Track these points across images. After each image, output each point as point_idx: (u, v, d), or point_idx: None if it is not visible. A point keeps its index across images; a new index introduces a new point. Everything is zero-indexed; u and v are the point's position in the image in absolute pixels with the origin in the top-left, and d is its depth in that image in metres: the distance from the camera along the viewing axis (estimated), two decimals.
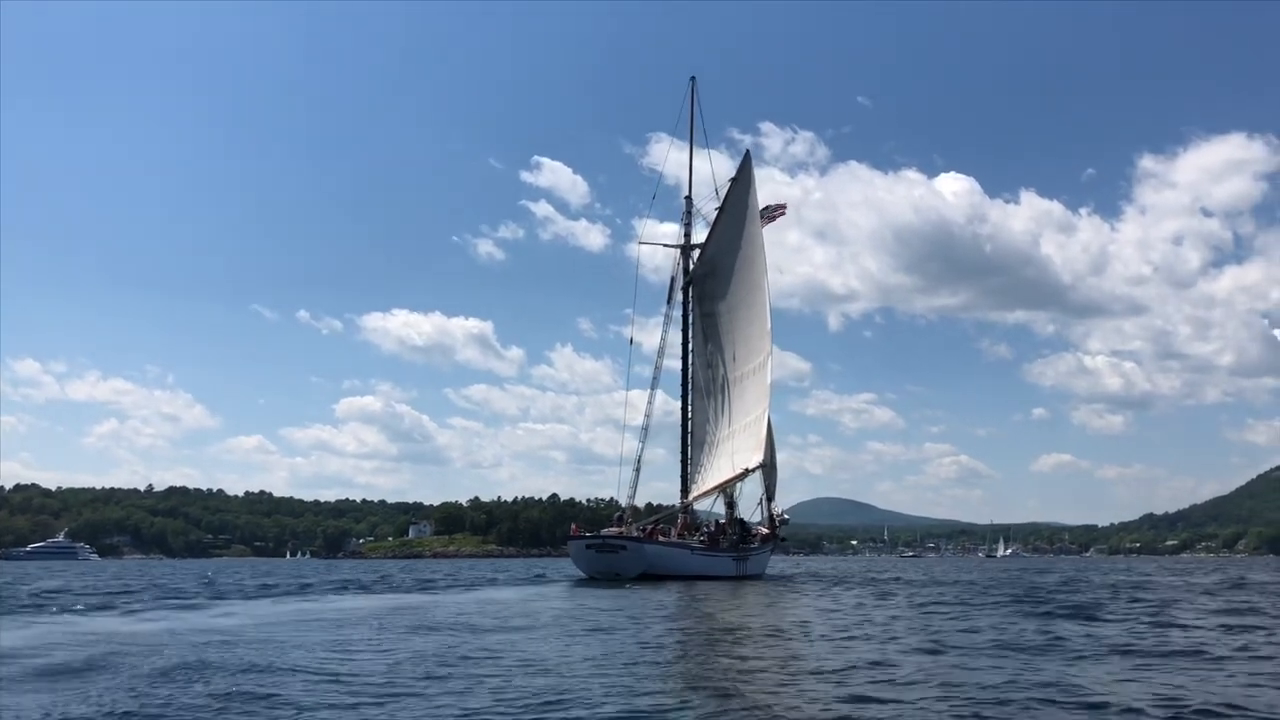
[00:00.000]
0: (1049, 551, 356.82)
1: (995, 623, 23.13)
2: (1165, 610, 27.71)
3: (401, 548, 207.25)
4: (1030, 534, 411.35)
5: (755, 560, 62.04)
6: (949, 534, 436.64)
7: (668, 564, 53.56)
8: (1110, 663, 15.46)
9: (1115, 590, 41.24)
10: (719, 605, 30.67)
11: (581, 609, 28.36)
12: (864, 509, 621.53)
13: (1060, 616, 25.05)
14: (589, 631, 20.82)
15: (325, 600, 33.93)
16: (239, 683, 12.69)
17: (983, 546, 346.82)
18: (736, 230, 60.05)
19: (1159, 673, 14.22)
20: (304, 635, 19.67)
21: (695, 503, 62.81)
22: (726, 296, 60.60)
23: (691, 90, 63.57)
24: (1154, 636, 19.85)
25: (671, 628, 22.35)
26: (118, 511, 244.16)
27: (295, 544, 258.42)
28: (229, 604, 30.95)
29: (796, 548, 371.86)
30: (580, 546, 54.57)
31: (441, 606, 29.58)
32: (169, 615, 25.49)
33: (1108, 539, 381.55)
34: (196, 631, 20.12)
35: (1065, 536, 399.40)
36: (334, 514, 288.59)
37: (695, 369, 62.60)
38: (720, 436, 60.36)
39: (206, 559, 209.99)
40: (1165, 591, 39.78)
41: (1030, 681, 13.21)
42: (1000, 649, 17.32)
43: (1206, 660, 15.89)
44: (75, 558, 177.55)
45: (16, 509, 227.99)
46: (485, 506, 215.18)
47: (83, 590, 42.44)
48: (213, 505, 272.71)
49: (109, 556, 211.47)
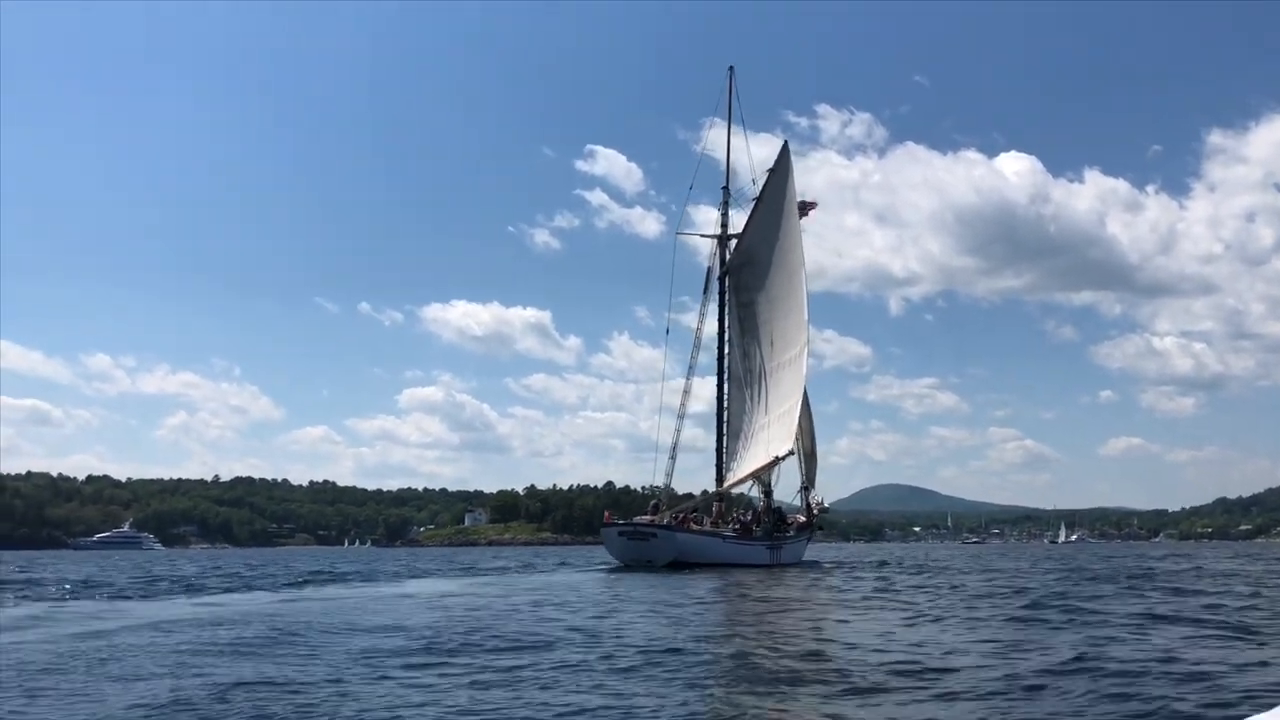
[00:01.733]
0: (1116, 537, 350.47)
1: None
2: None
3: (457, 535, 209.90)
4: (1098, 519, 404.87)
5: (790, 549, 61.90)
6: (1014, 520, 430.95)
7: (699, 552, 53.72)
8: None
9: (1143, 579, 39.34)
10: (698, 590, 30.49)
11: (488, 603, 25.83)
12: (927, 495, 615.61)
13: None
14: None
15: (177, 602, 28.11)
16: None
17: (1048, 533, 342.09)
18: (774, 221, 59.78)
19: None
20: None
21: (732, 490, 62.89)
22: (764, 287, 60.40)
23: (730, 81, 63.58)
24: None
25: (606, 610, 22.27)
26: (185, 502, 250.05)
27: (357, 532, 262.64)
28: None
29: (858, 534, 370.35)
30: (613, 534, 54.97)
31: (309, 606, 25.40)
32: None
33: (1178, 524, 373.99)
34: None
35: (1134, 521, 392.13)
36: (396, 503, 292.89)
37: (733, 358, 62.57)
38: (757, 426, 60.25)
39: (270, 548, 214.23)
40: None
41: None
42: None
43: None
44: (139, 547, 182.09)
45: (88, 500, 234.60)
46: (540, 494, 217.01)
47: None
48: (277, 495, 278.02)
49: (175, 546, 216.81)
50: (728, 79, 62.86)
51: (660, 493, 63.26)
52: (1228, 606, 22.71)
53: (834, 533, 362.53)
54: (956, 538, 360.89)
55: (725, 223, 63.11)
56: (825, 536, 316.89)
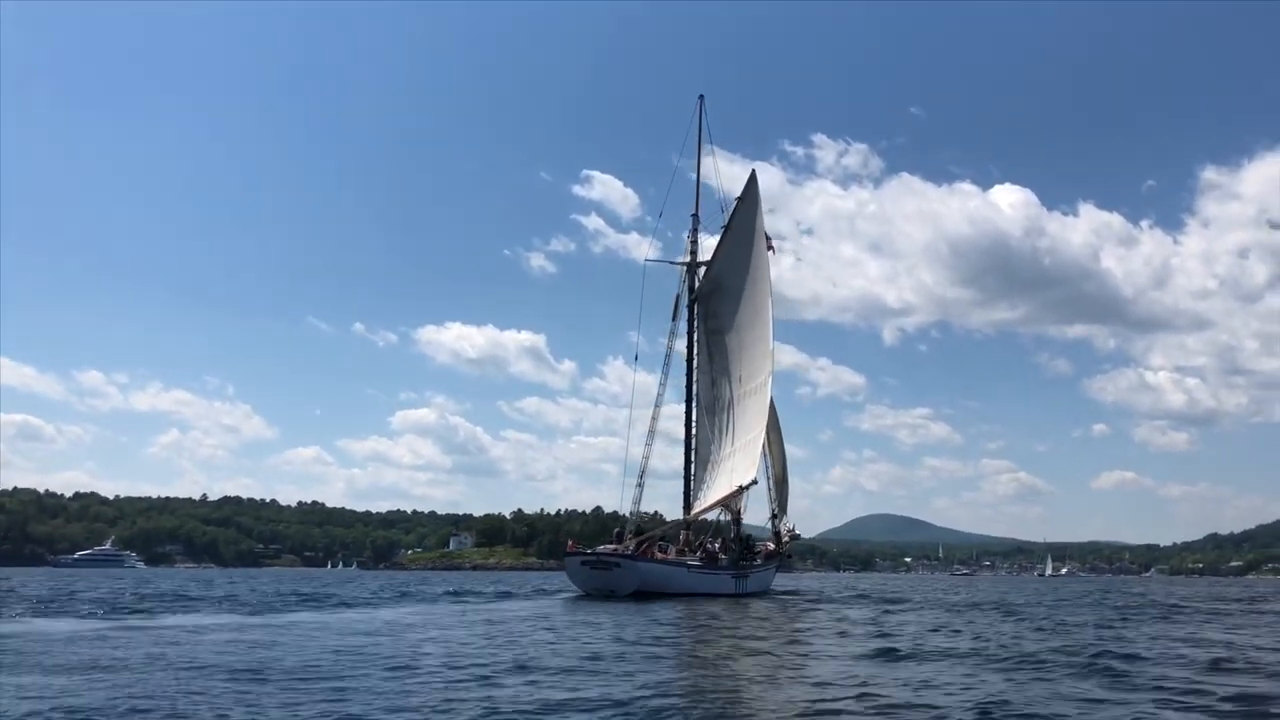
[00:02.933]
0: (1108, 571, 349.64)
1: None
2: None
3: (442, 559, 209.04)
4: (1090, 553, 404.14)
5: (757, 578, 61.60)
6: (1006, 552, 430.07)
7: (663, 581, 53.38)
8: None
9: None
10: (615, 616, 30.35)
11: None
12: (920, 525, 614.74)
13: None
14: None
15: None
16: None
17: (1040, 565, 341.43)
18: (742, 250, 59.92)
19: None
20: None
21: (701, 518, 62.64)
22: (732, 315, 60.49)
23: (700, 109, 63.81)
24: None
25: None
26: (172, 521, 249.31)
27: (345, 554, 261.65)
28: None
29: (849, 564, 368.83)
30: (575, 563, 54.64)
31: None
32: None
33: (1169, 559, 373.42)
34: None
35: (1126, 556, 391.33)
36: (384, 525, 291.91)
37: (701, 386, 62.50)
38: (723, 454, 60.15)
39: (257, 568, 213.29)
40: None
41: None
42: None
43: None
44: (121, 565, 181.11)
45: (73, 517, 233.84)
46: (527, 519, 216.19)
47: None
48: (265, 515, 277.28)
49: (160, 565, 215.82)
50: (697, 107, 63.10)
51: (627, 520, 63.02)
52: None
53: (824, 562, 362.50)
54: (948, 569, 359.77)
55: (695, 250, 63.20)
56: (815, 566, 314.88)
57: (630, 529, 61.42)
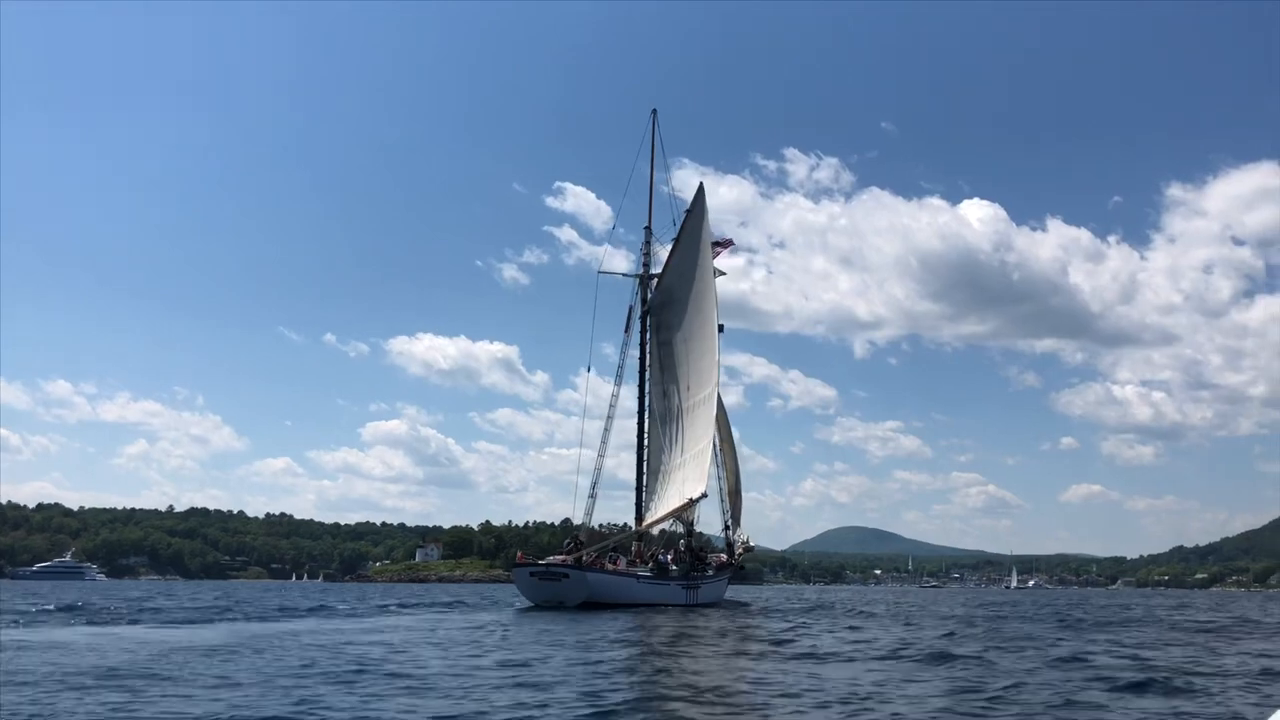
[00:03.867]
0: (1074, 583, 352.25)
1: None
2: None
3: (407, 571, 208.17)
4: (1058, 565, 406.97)
5: (708, 589, 61.92)
6: (975, 564, 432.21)
7: (613, 592, 53.66)
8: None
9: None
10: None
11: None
12: (890, 538, 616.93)
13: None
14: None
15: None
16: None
17: (1008, 577, 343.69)
18: (691, 261, 60.60)
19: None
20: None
21: (654, 529, 62.99)
22: (681, 326, 61.07)
23: (653, 123, 64.40)
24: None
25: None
26: (137, 532, 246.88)
27: (313, 566, 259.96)
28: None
29: (819, 576, 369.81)
30: (524, 574, 54.88)
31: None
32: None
33: (1136, 571, 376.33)
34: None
35: (1093, 568, 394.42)
36: (353, 537, 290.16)
37: (653, 396, 62.99)
38: (674, 464, 60.59)
39: (223, 580, 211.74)
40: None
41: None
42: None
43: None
44: (81, 578, 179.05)
45: (36, 528, 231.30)
46: (495, 530, 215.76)
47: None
48: (232, 527, 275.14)
49: (125, 577, 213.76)
50: (651, 122, 63.65)
51: (577, 530, 63.24)
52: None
53: (795, 574, 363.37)
54: (917, 581, 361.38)
55: (647, 262, 63.77)
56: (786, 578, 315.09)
57: (583, 539, 61.67)
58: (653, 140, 63.85)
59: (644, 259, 64.08)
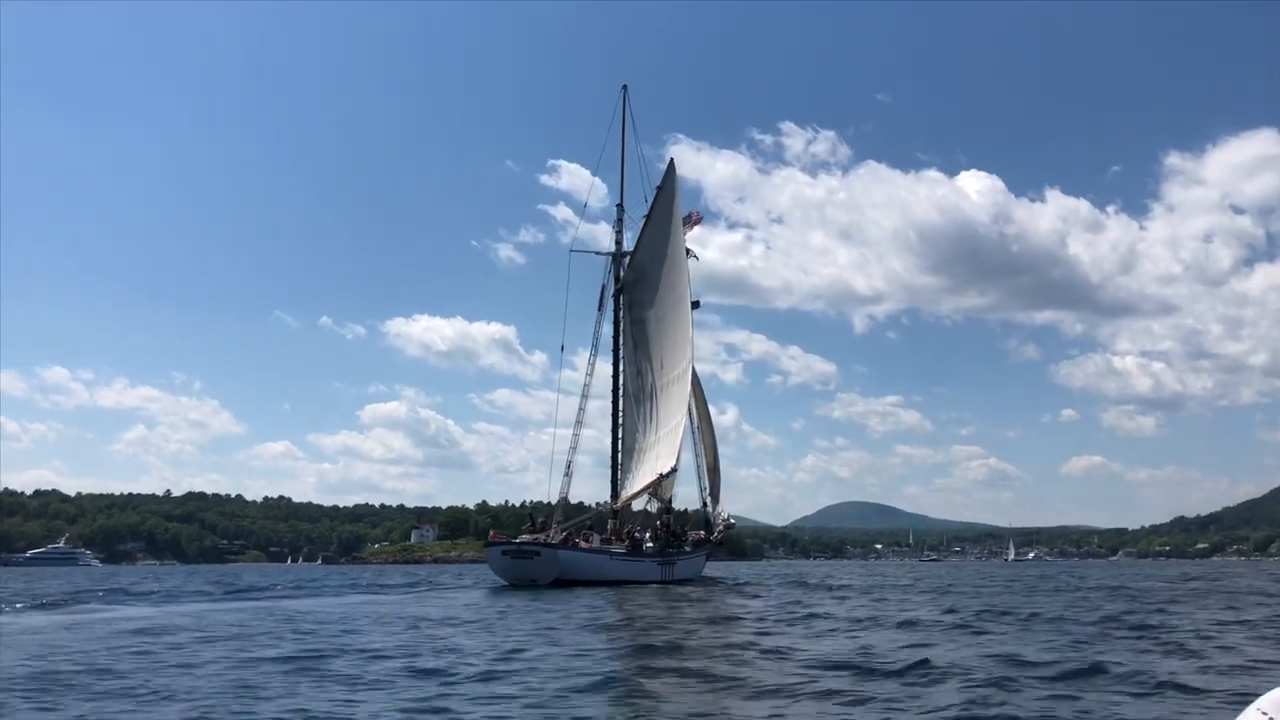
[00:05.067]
0: (1075, 555, 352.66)
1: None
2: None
3: (403, 552, 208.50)
4: (1059, 537, 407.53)
5: (684, 565, 61.75)
6: (976, 537, 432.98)
7: (584, 569, 53.60)
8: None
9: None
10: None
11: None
12: (891, 513, 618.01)
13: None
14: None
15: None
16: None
17: (1007, 550, 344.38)
18: (663, 238, 60.21)
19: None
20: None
21: (625, 506, 62.79)
22: (654, 304, 60.76)
23: (624, 99, 63.76)
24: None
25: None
26: (133, 517, 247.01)
27: (311, 549, 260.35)
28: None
29: (819, 552, 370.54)
30: (496, 553, 54.78)
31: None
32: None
33: (1137, 542, 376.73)
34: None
35: (1094, 540, 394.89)
36: (351, 519, 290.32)
37: (627, 375, 62.73)
38: (647, 443, 60.48)
39: (222, 565, 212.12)
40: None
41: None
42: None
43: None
44: (75, 564, 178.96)
45: (32, 514, 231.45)
46: (491, 510, 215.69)
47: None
48: (230, 511, 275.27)
49: (122, 562, 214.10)
50: (621, 98, 63.03)
51: (545, 509, 63.12)
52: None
53: (796, 550, 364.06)
54: (917, 555, 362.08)
55: (620, 240, 63.46)
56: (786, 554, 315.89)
57: (559, 517, 61.60)
58: (624, 116, 63.32)
59: (616, 236, 63.80)
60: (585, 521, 62.92)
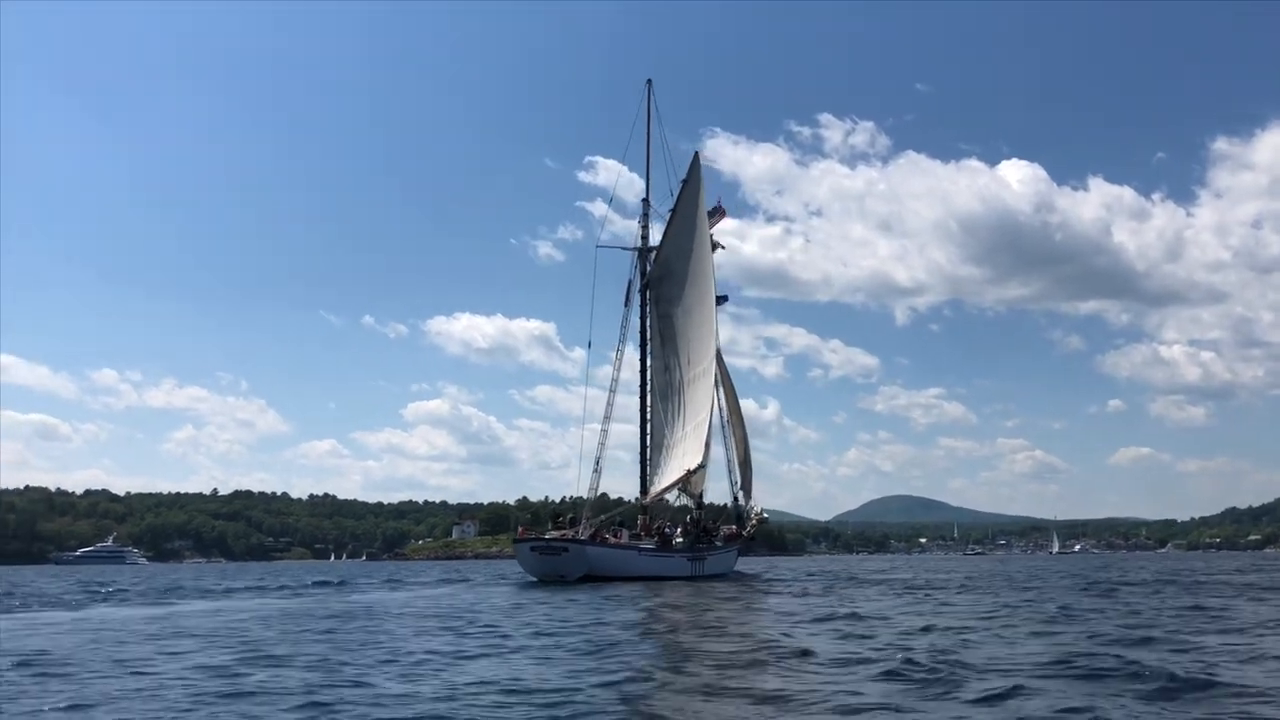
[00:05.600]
0: (1123, 547, 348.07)
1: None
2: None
3: (444, 549, 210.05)
4: (1106, 529, 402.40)
5: (715, 560, 61.54)
6: (1022, 530, 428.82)
7: (613, 565, 53.53)
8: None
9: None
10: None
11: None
12: (936, 506, 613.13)
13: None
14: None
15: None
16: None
17: (1053, 543, 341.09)
18: (688, 232, 60.01)
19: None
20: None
21: (655, 501, 62.67)
22: (681, 299, 60.57)
23: (648, 93, 63.66)
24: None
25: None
26: (181, 516, 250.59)
27: (355, 546, 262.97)
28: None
29: (862, 546, 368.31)
30: (525, 549, 54.85)
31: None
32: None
33: (1187, 534, 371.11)
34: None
35: (1142, 532, 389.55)
36: (395, 515, 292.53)
37: (654, 370, 62.63)
38: (675, 438, 60.31)
39: (268, 562, 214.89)
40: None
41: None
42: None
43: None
44: (123, 561, 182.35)
45: (83, 514, 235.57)
46: (531, 506, 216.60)
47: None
48: (275, 508, 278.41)
49: (169, 560, 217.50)
50: (646, 92, 62.91)
51: (575, 505, 63.15)
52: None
53: (838, 544, 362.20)
54: (963, 549, 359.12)
55: (645, 235, 63.24)
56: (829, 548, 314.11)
57: (589, 513, 61.57)
58: (648, 111, 63.14)
59: (642, 231, 63.59)
60: (615, 517, 62.83)
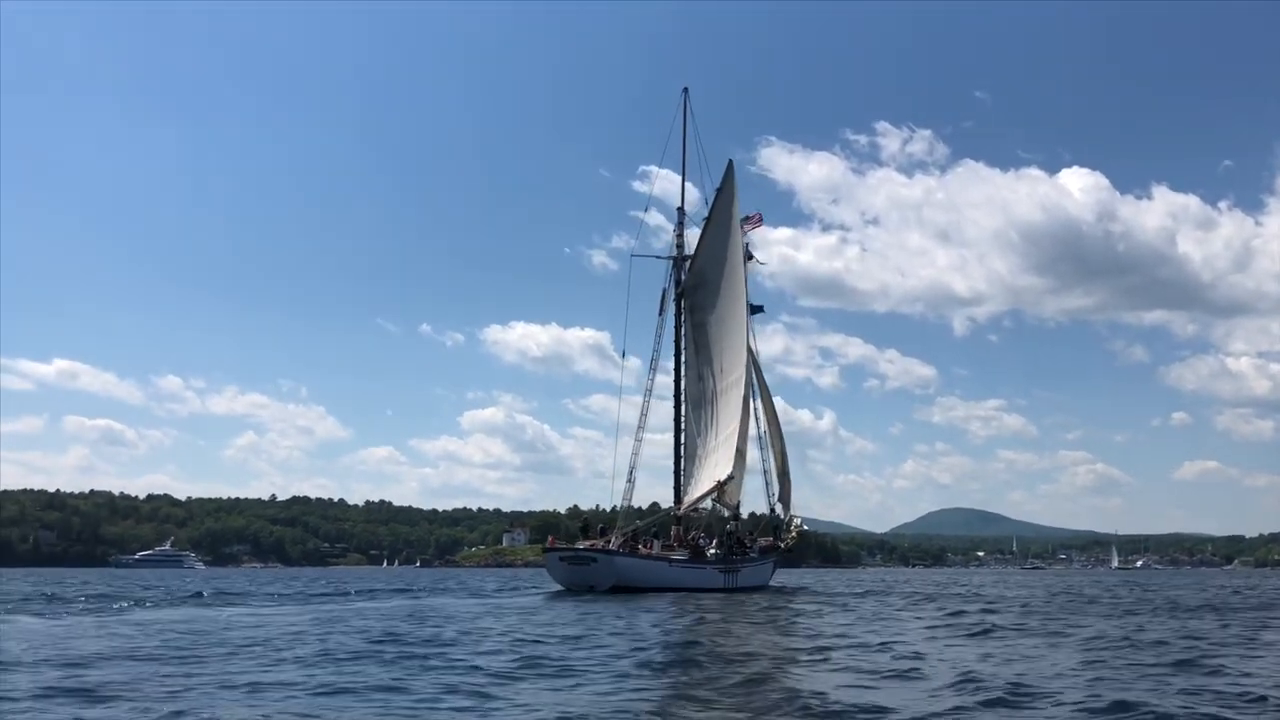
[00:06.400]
0: (1187, 563, 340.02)
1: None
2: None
3: (495, 556, 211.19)
4: (1170, 544, 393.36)
5: (750, 572, 60.84)
6: (1083, 545, 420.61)
7: (643, 576, 53.23)
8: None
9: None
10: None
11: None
12: (995, 519, 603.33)
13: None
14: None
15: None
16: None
17: (1113, 558, 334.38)
18: (722, 241, 59.77)
19: None
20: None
21: (688, 512, 62.28)
22: (714, 308, 60.31)
23: (685, 102, 63.45)
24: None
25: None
26: (240, 521, 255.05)
27: (409, 552, 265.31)
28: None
29: (918, 559, 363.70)
30: (555, 559, 54.86)
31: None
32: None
33: (1254, 550, 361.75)
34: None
35: (1208, 548, 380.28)
36: (449, 522, 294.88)
37: (689, 380, 62.34)
38: (709, 448, 59.98)
39: (324, 567, 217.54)
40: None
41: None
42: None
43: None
44: (180, 565, 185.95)
45: (145, 518, 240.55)
46: (581, 515, 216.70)
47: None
48: (332, 515, 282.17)
49: (227, 565, 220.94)
50: (682, 100, 62.72)
51: (607, 515, 62.97)
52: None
53: (894, 557, 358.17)
54: (1022, 563, 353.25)
55: (680, 244, 63.05)
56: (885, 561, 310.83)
57: (621, 523, 61.34)
58: (684, 119, 62.97)
59: (677, 240, 63.39)
60: (650, 527, 62.50)
